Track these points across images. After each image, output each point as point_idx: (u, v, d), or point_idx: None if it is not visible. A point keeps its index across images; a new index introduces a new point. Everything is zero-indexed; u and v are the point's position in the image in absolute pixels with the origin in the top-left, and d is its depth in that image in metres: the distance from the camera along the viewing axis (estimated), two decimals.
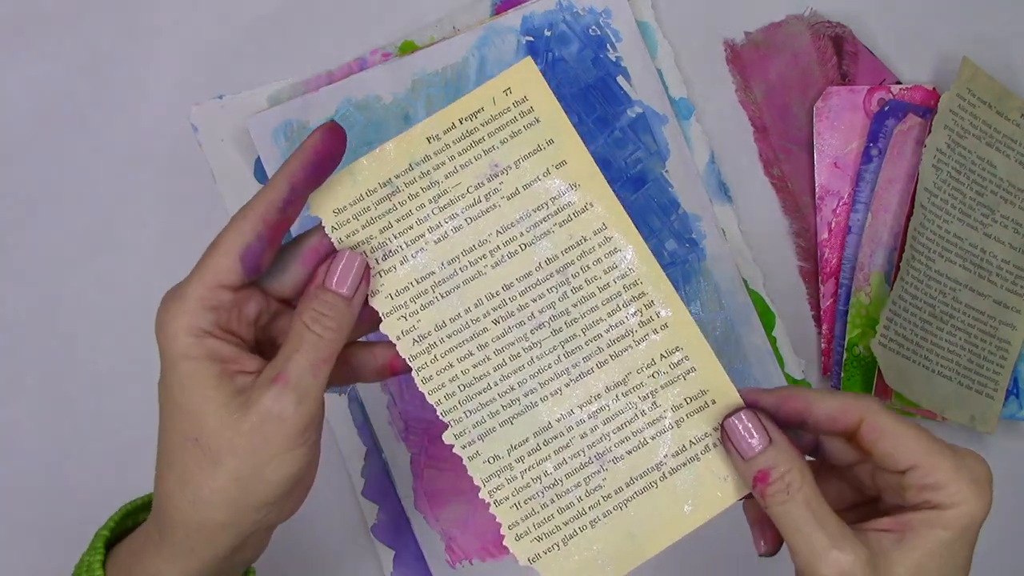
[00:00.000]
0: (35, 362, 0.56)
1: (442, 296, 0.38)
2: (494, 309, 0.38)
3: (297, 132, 0.56)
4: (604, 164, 0.57)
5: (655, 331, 0.38)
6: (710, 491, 0.38)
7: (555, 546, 0.38)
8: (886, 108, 0.57)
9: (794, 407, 0.36)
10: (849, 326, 0.56)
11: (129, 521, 0.41)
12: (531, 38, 0.57)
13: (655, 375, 0.38)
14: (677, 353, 0.38)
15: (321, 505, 0.56)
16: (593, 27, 0.57)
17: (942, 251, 0.55)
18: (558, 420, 0.38)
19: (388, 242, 0.38)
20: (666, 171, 0.57)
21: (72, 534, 0.55)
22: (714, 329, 0.56)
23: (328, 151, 0.36)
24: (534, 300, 0.38)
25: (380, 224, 0.38)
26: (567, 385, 0.38)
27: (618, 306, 0.38)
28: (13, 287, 0.56)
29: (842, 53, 0.58)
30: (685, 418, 0.38)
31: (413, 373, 0.38)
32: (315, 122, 0.56)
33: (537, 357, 0.38)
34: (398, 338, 0.38)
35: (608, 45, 0.57)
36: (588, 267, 0.38)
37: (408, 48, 0.57)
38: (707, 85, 0.58)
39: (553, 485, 0.38)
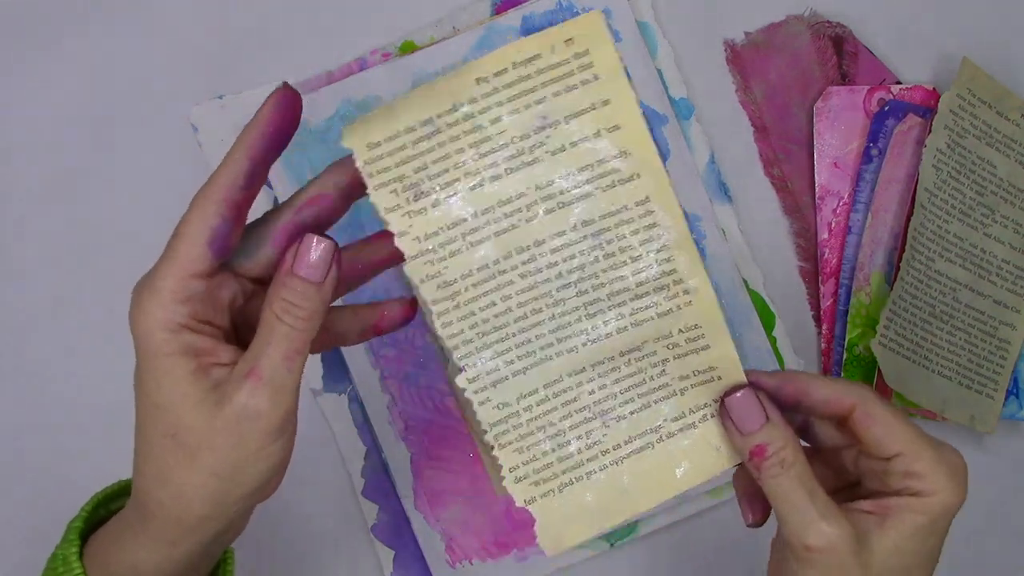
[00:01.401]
0: (35, 362, 0.56)
1: (472, 245, 0.37)
2: (523, 263, 0.37)
3: (297, 132, 0.56)
4: None
5: (679, 307, 0.38)
6: (703, 458, 0.39)
7: (551, 492, 0.39)
8: (886, 108, 0.57)
9: (792, 390, 0.38)
10: (849, 326, 0.56)
11: (102, 510, 0.41)
12: None
13: (670, 347, 0.38)
14: (696, 330, 0.38)
15: (321, 505, 0.56)
16: None
17: (942, 251, 0.55)
18: (569, 375, 0.38)
19: (421, 183, 0.36)
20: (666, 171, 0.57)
21: None
22: None
23: (285, 117, 0.35)
24: (564, 260, 0.37)
25: (415, 164, 0.36)
26: (584, 345, 0.38)
27: (647, 278, 0.38)
28: (13, 287, 0.56)
29: (842, 53, 0.58)
30: (689, 388, 0.38)
31: (433, 317, 0.37)
32: (315, 122, 0.56)
33: (559, 314, 0.38)
34: (422, 281, 0.37)
35: None
36: (624, 236, 0.37)
37: (408, 48, 0.57)
38: (707, 85, 0.58)
39: (556, 435, 0.39)
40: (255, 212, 0.37)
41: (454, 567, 0.55)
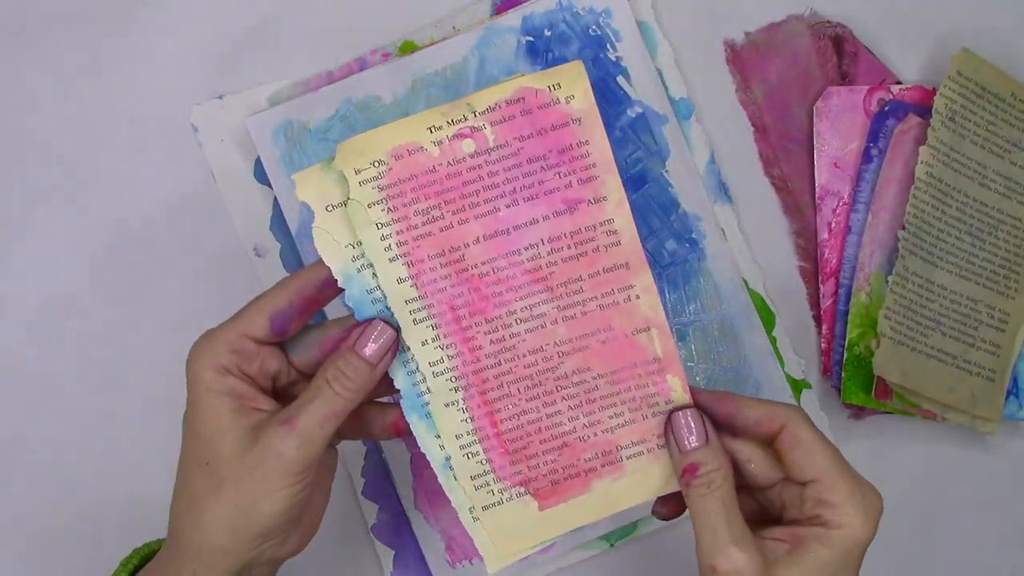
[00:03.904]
0: (35, 362, 0.56)
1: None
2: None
3: (297, 132, 0.56)
4: None
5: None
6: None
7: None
8: (886, 108, 0.57)
9: (725, 409, 0.40)
10: (849, 326, 0.56)
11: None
12: (531, 38, 0.57)
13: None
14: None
15: None
16: (593, 27, 0.57)
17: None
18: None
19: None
20: (666, 171, 0.57)
21: (81, 536, 0.55)
22: (714, 329, 0.56)
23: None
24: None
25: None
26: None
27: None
28: (13, 286, 0.56)
29: (842, 53, 0.58)
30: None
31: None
32: (315, 122, 0.56)
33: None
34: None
35: (608, 45, 0.57)
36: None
37: (408, 48, 0.57)
38: (707, 85, 0.58)
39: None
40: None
41: (454, 567, 0.55)
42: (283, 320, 0.40)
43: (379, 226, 0.40)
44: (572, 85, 0.40)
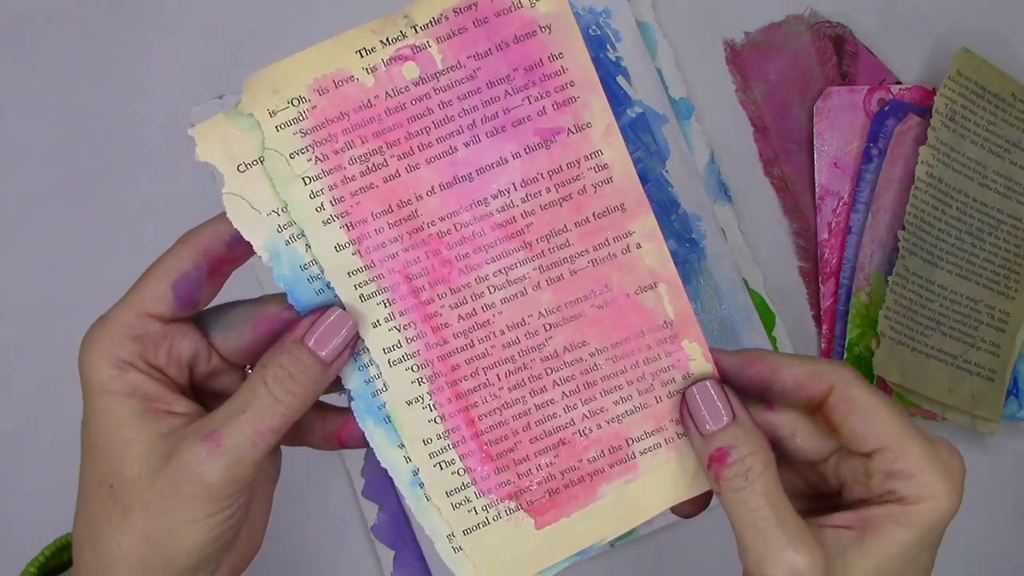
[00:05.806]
0: (34, 362, 0.56)
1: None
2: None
3: None
4: None
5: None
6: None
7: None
8: (886, 108, 0.57)
9: (759, 371, 0.32)
10: (849, 326, 0.56)
11: (64, 555, 0.37)
12: None
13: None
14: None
15: (321, 505, 0.56)
16: (593, 27, 0.57)
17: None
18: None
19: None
20: (666, 171, 0.57)
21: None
22: (713, 329, 0.56)
23: None
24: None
25: None
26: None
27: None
28: (13, 287, 0.56)
29: (842, 53, 0.58)
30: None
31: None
32: None
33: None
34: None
35: (608, 45, 0.57)
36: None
37: None
38: (707, 85, 0.58)
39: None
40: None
41: None
42: (189, 287, 0.32)
43: (306, 180, 0.32)
44: None
